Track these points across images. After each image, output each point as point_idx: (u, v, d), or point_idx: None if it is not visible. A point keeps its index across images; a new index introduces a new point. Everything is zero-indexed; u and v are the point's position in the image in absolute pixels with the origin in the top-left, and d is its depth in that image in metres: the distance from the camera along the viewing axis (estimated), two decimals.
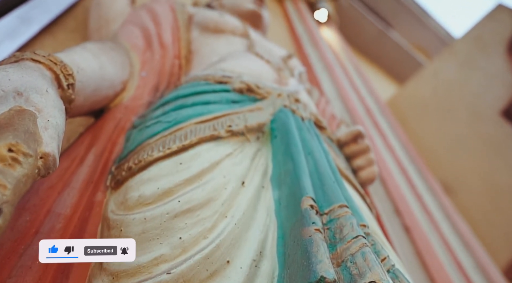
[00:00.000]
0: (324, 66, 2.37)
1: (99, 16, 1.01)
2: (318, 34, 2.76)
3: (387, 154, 1.85)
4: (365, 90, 2.49)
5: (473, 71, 2.36)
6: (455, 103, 2.42)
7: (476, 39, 2.39)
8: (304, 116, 0.76)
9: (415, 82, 2.84)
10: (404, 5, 4.26)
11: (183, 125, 0.62)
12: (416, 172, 1.94)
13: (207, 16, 1.07)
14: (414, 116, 2.76)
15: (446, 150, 2.45)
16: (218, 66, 0.85)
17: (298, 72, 1.16)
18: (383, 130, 2.05)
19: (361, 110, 2.12)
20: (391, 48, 4.17)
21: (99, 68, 0.67)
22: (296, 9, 3.03)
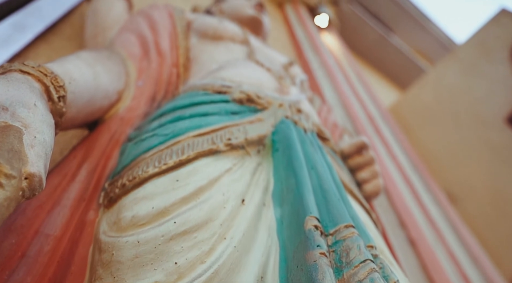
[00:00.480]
0: (326, 73, 2.35)
1: (96, 23, 0.99)
2: (319, 40, 2.74)
3: (390, 163, 1.82)
4: (367, 97, 2.47)
5: (477, 77, 2.33)
6: (459, 110, 2.40)
7: (480, 44, 2.37)
8: (306, 128, 0.73)
9: (418, 88, 2.82)
10: (405, 10, 4.26)
11: (180, 138, 0.60)
12: (420, 181, 1.91)
13: (206, 23, 1.05)
14: (417, 123, 2.73)
15: (450, 157, 2.42)
16: (217, 74, 0.83)
17: (300, 80, 1.14)
18: (386, 139, 2.02)
19: (363, 118, 2.09)
20: (392, 54, 4.16)
21: (93, 79, 0.65)
22: (297, 14, 3.02)
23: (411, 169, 1.97)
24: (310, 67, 2.37)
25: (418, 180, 1.91)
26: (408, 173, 1.88)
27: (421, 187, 1.87)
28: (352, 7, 3.65)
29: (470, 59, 2.43)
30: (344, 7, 3.45)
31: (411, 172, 1.93)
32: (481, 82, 2.31)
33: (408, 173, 1.86)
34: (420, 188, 1.84)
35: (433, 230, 1.43)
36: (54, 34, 1.12)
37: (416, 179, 1.91)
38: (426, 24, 4.43)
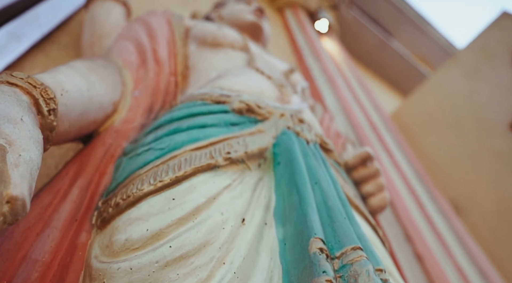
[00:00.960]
0: (326, 79, 2.32)
1: (93, 31, 0.97)
2: (319, 46, 2.72)
3: (394, 173, 1.79)
4: (369, 104, 2.44)
5: (479, 82, 2.30)
6: (461, 116, 2.37)
7: (481, 48, 2.34)
8: (309, 139, 0.70)
9: (419, 94, 2.79)
10: (405, 14, 4.24)
11: (177, 153, 0.57)
12: (425, 192, 1.88)
13: (204, 29, 1.03)
14: (419, 130, 2.70)
15: (454, 166, 2.38)
16: (216, 83, 0.80)
17: (301, 88, 1.11)
18: (389, 148, 1.99)
19: (366, 126, 2.06)
20: (392, 59, 4.14)
21: (87, 90, 0.62)
22: (297, 19, 3.00)
23: (415, 178, 1.94)
24: (310, 74, 2.34)
25: (422, 190, 1.88)
26: (413, 183, 1.85)
27: (426, 197, 1.83)
28: (352, 12, 3.63)
29: (471, 63, 2.40)
30: (344, 12, 3.44)
31: (415, 181, 1.90)
32: (483, 87, 2.28)
33: (412, 183, 1.82)
34: (425, 198, 1.80)
35: (440, 244, 1.39)
36: (51, 42, 1.09)
37: (420, 189, 1.87)
38: (426, 28, 4.41)
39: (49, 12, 1.11)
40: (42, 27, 1.07)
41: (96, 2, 1.03)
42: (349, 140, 1.42)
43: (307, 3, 3.13)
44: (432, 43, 4.59)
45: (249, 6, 1.36)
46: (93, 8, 1.02)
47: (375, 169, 0.83)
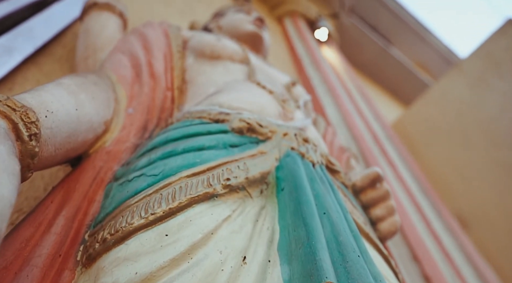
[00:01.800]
0: (327, 89, 2.28)
1: (87, 44, 0.92)
2: (319, 55, 2.69)
3: (399, 188, 1.73)
4: (371, 115, 2.39)
5: (486, 91, 2.25)
6: (468, 127, 2.31)
7: (486, 57, 2.29)
8: (315, 161, 0.65)
9: (422, 103, 2.74)
10: (405, 22, 4.22)
11: (171, 180, 0.52)
12: (431, 208, 1.82)
13: (202, 41, 0.98)
14: (422, 141, 2.65)
15: (459, 178, 2.32)
16: (214, 99, 0.75)
17: (304, 102, 1.06)
18: (393, 161, 1.94)
19: (368, 139, 2.01)
20: (392, 67, 4.11)
21: (76, 109, 0.57)
22: (296, 28, 2.97)
23: (420, 193, 1.88)
24: (311, 84, 2.30)
25: (428, 206, 1.82)
26: (418, 198, 1.80)
27: (432, 214, 1.77)
28: (352, 20, 3.61)
29: (476, 72, 2.35)
30: (344, 20, 3.41)
31: (420, 196, 1.85)
32: (490, 97, 2.23)
33: (417, 198, 1.77)
34: (431, 215, 1.75)
35: (449, 264, 1.33)
36: (45, 55, 1.04)
37: (426, 204, 1.82)
38: (426, 36, 4.39)
39: (43, 25, 1.07)
40: (36, 40, 1.03)
41: (91, 14, 0.99)
42: (353, 155, 1.37)
43: (306, 12, 3.10)
44: (432, 50, 4.57)
45: (249, 15, 1.32)
46: (88, 20, 0.98)
47: (384, 191, 0.78)
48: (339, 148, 1.20)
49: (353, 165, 1.19)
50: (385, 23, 4.17)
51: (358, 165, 1.70)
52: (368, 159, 1.85)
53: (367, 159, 1.85)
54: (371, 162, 1.83)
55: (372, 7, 3.92)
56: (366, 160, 1.85)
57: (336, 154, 1.17)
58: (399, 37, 4.34)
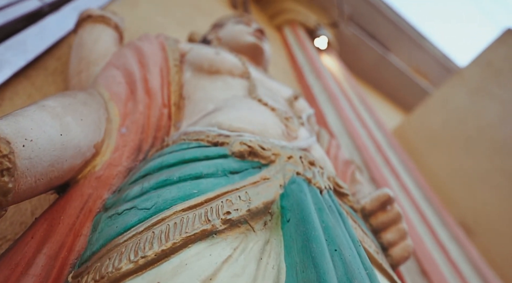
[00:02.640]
0: (328, 98, 2.23)
1: (80, 57, 0.87)
2: (320, 63, 2.64)
3: (404, 198, 1.67)
4: (373, 122, 2.34)
5: (487, 99, 2.20)
6: (470, 134, 2.26)
7: (487, 65, 2.24)
8: (322, 187, 0.59)
9: (423, 110, 2.69)
10: (401, 29, 4.18)
11: (165, 214, 0.46)
12: (436, 217, 1.76)
13: (201, 54, 0.93)
14: (423, 147, 2.59)
15: (463, 185, 2.26)
16: (213, 119, 0.69)
17: (307, 116, 1.00)
18: (396, 170, 1.88)
19: (371, 147, 1.95)
20: (391, 73, 4.06)
21: (61, 135, 0.51)
22: (296, 37, 2.92)
23: (425, 203, 1.82)
24: (312, 92, 2.25)
25: (433, 215, 1.76)
26: (423, 207, 1.73)
27: (438, 224, 1.71)
28: (350, 28, 3.56)
29: (477, 80, 2.30)
30: (344, 28, 3.37)
31: (425, 206, 1.79)
32: (491, 105, 2.18)
33: (422, 208, 1.71)
34: (437, 225, 1.69)
35: (457, 276, 1.26)
36: (37, 69, 0.99)
37: (431, 214, 1.76)
38: (422, 42, 4.35)
39: (37, 37, 1.01)
40: (28, 53, 0.97)
41: (85, 26, 0.94)
42: (357, 167, 1.31)
43: (306, 21, 3.06)
44: (428, 56, 4.53)
45: (249, 27, 1.26)
46: (82, 33, 0.93)
47: (395, 213, 0.72)
48: (344, 162, 1.14)
49: (359, 178, 1.13)
50: (382, 30, 4.12)
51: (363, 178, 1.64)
52: (372, 169, 1.79)
53: (371, 169, 1.79)
54: (375, 172, 1.77)
55: (369, 14, 3.87)
56: (369, 170, 1.79)
57: (341, 168, 1.11)
58: (396, 44, 4.29)
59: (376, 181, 1.72)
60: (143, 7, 1.60)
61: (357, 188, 1.07)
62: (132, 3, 1.55)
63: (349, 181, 1.09)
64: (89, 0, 1.30)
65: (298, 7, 3.08)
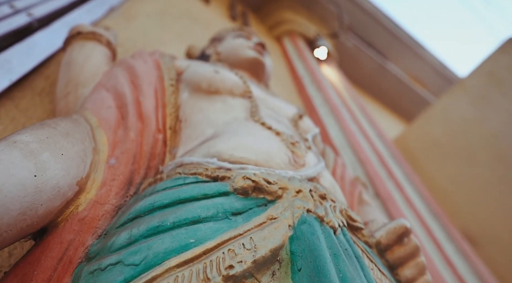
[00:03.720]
0: (330, 110, 2.16)
1: (68, 79, 0.79)
2: (320, 74, 2.57)
3: (409, 212, 1.59)
4: (375, 134, 2.27)
5: (489, 109, 2.13)
6: (473, 144, 2.18)
7: (489, 74, 2.18)
8: (336, 226, 0.51)
9: (424, 120, 2.62)
10: (399, 37, 4.14)
11: (156, 272, 0.38)
12: (442, 231, 1.68)
13: (198, 73, 0.85)
14: (425, 157, 2.52)
15: (466, 195, 2.18)
16: (212, 147, 0.61)
17: (312, 136, 0.93)
18: (400, 183, 1.80)
19: (374, 160, 1.88)
20: (391, 83, 4.01)
21: (35, 176, 0.44)
22: (295, 48, 2.87)
23: (430, 217, 1.74)
24: (313, 104, 2.18)
25: (440, 230, 1.68)
26: (429, 222, 1.65)
27: (444, 238, 1.63)
28: (349, 38, 3.51)
29: (479, 90, 2.24)
30: (344, 39, 3.32)
31: (431, 221, 1.71)
32: (494, 115, 2.11)
33: (429, 224, 1.63)
34: (443, 239, 1.60)
35: None
36: (23, 89, 0.91)
37: (437, 229, 1.68)
38: (420, 51, 4.31)
39: (24, 55, 0.94)
40: (13, 72, 0.90)
41: (74, 43, 0.87)
42: (363, 184, 1.24)
43: (305, 31, 3.01)
44: (426, 64, 4.49)
45: (249, 40, 1.20)
46: (71, 50, 0.85)
47: (413, 246, 0.64)
48: (351, 182, 1.06)
49: (366, 199, 1.06)
50: (380, 40, 4.08)
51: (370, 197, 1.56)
52: (376, 183, 1.71)
53: (375, 183, 1.71)
54: (379, 186, 1.69)
55: (367, 24, 3.83)
56: (373, 184, 1.72)
57: (348, 189, 1.03)
58: (394, 53, 4.25)
59: (381, 196, 1.65)
60: (139, 21, 1.54)
61: (365, 210, 1.00)
62: (128, 17, 1.48)
63: (356, 202, 1.02)
64: (82, 15, 1.23)
65: (298, 17, 3.03)
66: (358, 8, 3.49)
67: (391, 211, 1.57)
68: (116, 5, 1.45)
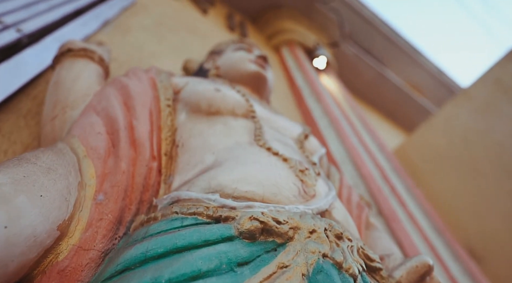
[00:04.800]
0: (330, 122, 2.09)
1: (56, 100, 0.72)
2: (319, 85, 2.51)
3: (413, 230, 1.52)
4: (376, 147, 2.20)
5: (495, 118, 2.07)
6: (477, 155, 2.12)
7: (495, 82, 2.12)
8: (356, 273, 0.44)
9: (425, 130, 2.55)
10: (397, 45, 4.10)
11: None
12: (447, 251, 1.61)
13: (198, 92, 0.78)
14: (427, 169, 2.45)
15: (470, 208, 2.11)
16: (213, 179, 0.54)
17: (319, 157, 0.86)
18: (403, 199, 1.73)
19: (376, 175, 1.81)
20: (390, 91, 3.97)
21: (5, 227, 0.36)
22: (294, 58, 2.81)
23: (434, 234, 1.67)
24: (312, 116, 2.12)
25: (444, 248, 1.61)
26: (433, 240, 1.58)
27: (449, 258, 1.56)
28: (349, 46, 3.47)
29: (484, 99, 2.18)
30: (345, 48, 3.27)
31: (435, 238, 1.64)
32: (501, 124, 2.05)
33: (433, 242, 1.56)
34: (449, 259, 1.53)
35: None
36: (7, 111, 0.83)
37: (441, 246, 1.60)
38: (418, 58, 4.27)
39: (10, 74, 0.87)
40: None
41: (64, 61, 0.80)
42: (367, 204, 1.17)
43: (304, 41, 2.95)
44: (424, 72, 4.45)
45: (250, 53, 1.13)
46: (60, 69, 0.78)
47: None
48: (357, 205, 0.99)
49: (373, 222, 1.00)
50: (378, 47, 4.04)
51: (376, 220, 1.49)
52: (378, 200, 1.64)
53: (377, 199, 1.64)
54: (382, 203, 1.62)
55: (366, 31, 3.79)
56: (376, 200, 1.65)
57: (355, 213, 0.97)
58: (393, 60, 4.21)
59: (384, 214, 1.58)
60: (135, 34, 1.48)
61: (374, 235, 0.93)
62: (123, 31, 1.42)
63: (363, 226, 0.95)
64: (75, 29, 1.16)
65: (297, 26, 2.98)
66: (357, 15, 3.45)
67: (395, 229, 1.50)
68: (111, 18, 1.39)
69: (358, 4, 3.37)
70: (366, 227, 0.97)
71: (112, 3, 1.45)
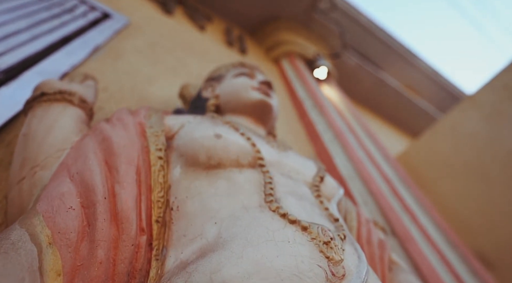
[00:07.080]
0: (334, 135, 1.94)
1: (24, 158, 0.57)
2: (322, 97, 2.37)
3: (427, 247, 1.38)
4: (384, 160, 2.05)
5: (505, 123, 1.92)
6: (486, 161, 1.97)
7: (504, 88, 1.97)
8: None
9: (431, 136, 2.41)
10: (393, 48, 3.96)
11: None
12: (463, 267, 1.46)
13: (195, 140, 0.63)
14: (433, 175, 2.30)
15: (479, 215, 1.97)
16: (215, 273, 0.39)
17: (337, 201, 0.71)
18: (416, 215, 1.58)
19: (386, 191, 1.66)
20: (390, 97, 3.82)
21: None
22: (295, 69, 2.66)
23: (452, 254, 1.52)
24: (316, 130, 1.97)
25: (461, 266, 1.46)
26: (451, 259, 1.43)
27: (466, 274, 1.41)
28: (349, 54, 3.32)
29: (492, 104, 2.03)
30: (346, 58, 3.12)
31: (454, 259, 1.48)
32: (508, 130, 1.90)
33: (452, 261, 1.41)
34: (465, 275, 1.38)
35: None
36: None
37: (459, 265, 1.46)
38: (414, 60, 4.12)
39: None
40: None
41: (37, 108, 0.65)
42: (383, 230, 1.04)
43: (304, 52, 2.81)
44: (420, 73, 4.30)
45: (252, 79, 0.99)
46: (31, 118, 0.64)
47: None
48: (379, 245, 0.84)
49: (396, 261, 0.87)
50: (376, 53, 3.90)
51: (398, 257, 1.34)
52: (390, 219, 1.49)
53: (389, 219, 1.49)
54: (394, 223, 1.47)
55: (364, 38, 3.65)
56: (388, 220, 1.50)
57: (378, 254, 0.82)
58: (390, 64, 4.06)
59: (397, 234, 1.43)
60: (128, 58, 1.33)
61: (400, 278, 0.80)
62: (115, 55, 1.27)
63: (386, 268, 0.81)
64: (60, 59, 1.02)
65: (296, 38, 2.84)
66: (354, 23, 3.30)
67: (410, 251, 1.36)
68: (102, 43, 1.24)
69: (355, 12, 3.23)
70: (389, 267, 0.84)
71: (102, 27, 1.30)
